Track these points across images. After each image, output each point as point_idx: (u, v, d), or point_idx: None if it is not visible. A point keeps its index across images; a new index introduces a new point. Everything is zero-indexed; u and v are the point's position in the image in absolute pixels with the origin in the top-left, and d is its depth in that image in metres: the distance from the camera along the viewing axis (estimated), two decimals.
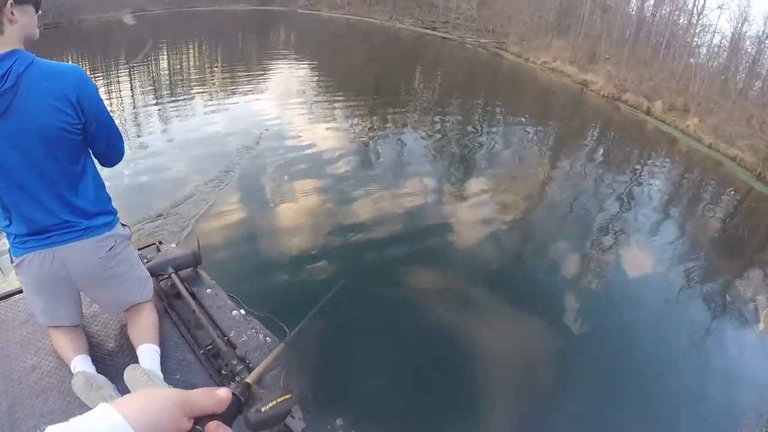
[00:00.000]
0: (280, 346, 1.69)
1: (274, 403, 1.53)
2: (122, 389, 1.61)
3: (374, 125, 9.19)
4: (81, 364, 1.66)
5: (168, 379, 1.73)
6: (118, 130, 1.65)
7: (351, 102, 10.60)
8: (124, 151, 1.71)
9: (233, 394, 0.50)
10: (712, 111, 12.80)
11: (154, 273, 2.10)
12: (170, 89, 10.28)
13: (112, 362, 1.82)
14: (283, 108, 9.11)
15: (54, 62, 1.43)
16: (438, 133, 9.32)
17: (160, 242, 2.52)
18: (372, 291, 4.01)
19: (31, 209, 1.49)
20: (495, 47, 20.51)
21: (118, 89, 9.82)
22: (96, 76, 10.40)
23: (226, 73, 12.64)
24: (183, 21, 21.34)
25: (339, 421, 2.73)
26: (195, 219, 4.60)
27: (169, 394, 0.43)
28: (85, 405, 1.56)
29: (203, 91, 10.36)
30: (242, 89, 10.81)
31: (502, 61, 18.96)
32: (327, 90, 11.55)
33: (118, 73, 11.11)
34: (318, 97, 10.62)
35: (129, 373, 1.60)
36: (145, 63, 11.31)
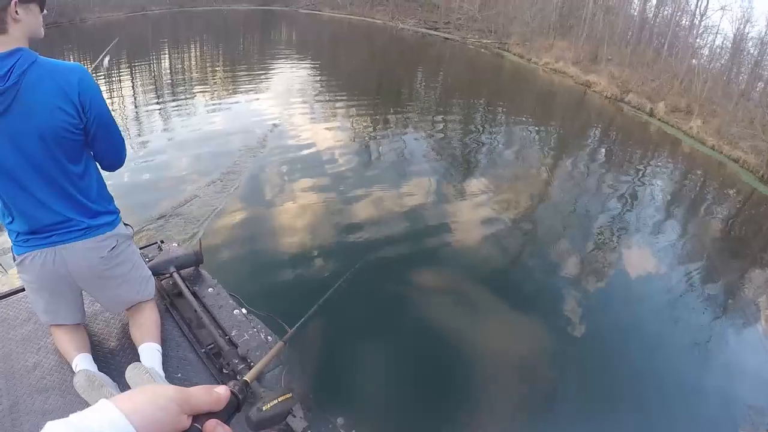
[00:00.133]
0: (279, 344, 1.69)
1: (276, 402, 1.53)
2: (124, 388, 1.61)
3: (376, 125, 9.19)
4: (82, 363, 1.67)
5: (169, 378, 1.73)
6: (121, 135, 1.63)
7: (352, 102, 10.61)
8: (125, 157, 1.70)
9: (232, 392, 0.50)
10: (714, 112, 12.77)
11: (156, 272, 2.10)
12: (172, 89, 10.30)
13: (114, 361, 1.82)
14: (285, 108, 9.12)
15: (57, 61, 1.43)
16: (440, 133, 9.31)
17: (162, 241, 2.53)
18: (374, 291, 4.00)
19: (32, 207, 1.49)
20: (497, 48, 20.50)
21: (120, 88, 9.84)
22: (97, 75, 10.40)
23: (228, 73, 12.66)
24: (185, 20, 21.36)
25: (340, 420, 2.75)
26: (203, 224, 4.57)
27: (169, 392, 0.43)
28: (86, 403, 1.56)
29: (205, 91, 10.37)
30: (244, 89, 10.83)
31: (504, 62, 18.94)
32: (329, 90, 11.55)
33: (119, 73, 11.13)
34: (319, 97, 10.62)
35: (130, 372, 1.60)
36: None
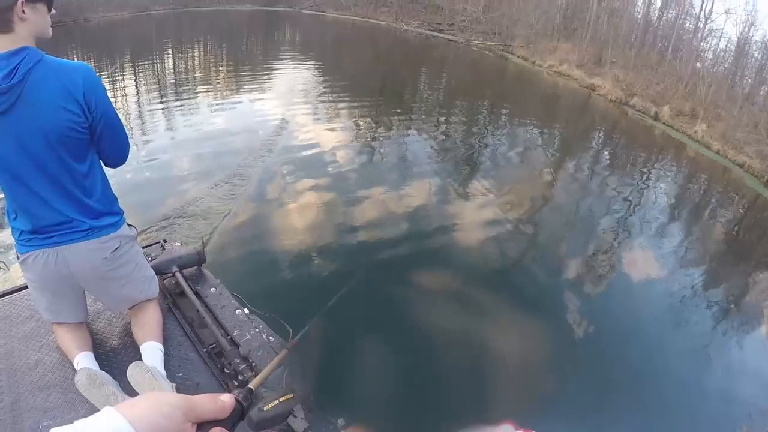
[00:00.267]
0: (283, 352, 1.69)
1: (277, 402, 1.53)
2: (125, 386, 1.61)
3: (380, 127, 9.19)
4: (84, 361, 1.67)
5: (171, 377, 1.73)
6: (125, 132, 1.64)
7: (356, 103, 10.61)
8: (128, 154, 1.71)
9: (236, 400, 0.50)
10: (719, 116, 12.72)
11: (159, 271, 2.11)
12: (176, 89, 10.32)
13: (116, 359, 1.82)
14: (289, 109, 9.12)
15: (63, 60, 1.43)
16: (444, 134, 9.30)
17: (165, 241, 2.53)
18: (376, 292, 4.00)
19: (35, 206, 1.49)
20: (501, 50, 20.47)
21: (123, 88, 9.87)
22: (101, 75, 10.44)
23: (232, 74, 12.68)
24: (188, 21, 21.42)
25: (341, 422, 2.74)
26: (206, 225, 4.56)
27: (173, 399, 0.43)
28: (87, 402, 1.57)
29: (209, 91, 10.39)
30: (248, 90, 10.85)
31: (508, 64, 18.92)
32: (332, 91, 11.55)
33: (123, 72, 11.17)
34: (323, 98, 10.63)
35: (132, 371, 1.60)
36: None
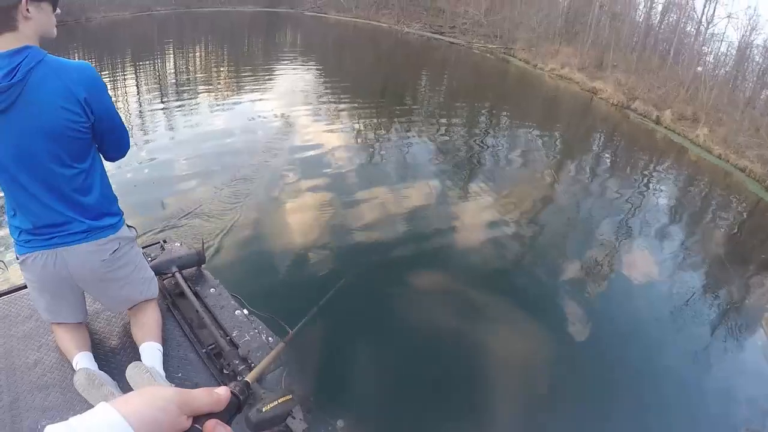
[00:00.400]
0: (280, 345, 1.69)
1: (276, 403, 1.53)
2: (124, 387, 1.60)
3: (380, 128, 9.20)
4: (83, 361, 1.67)
5: (170, 378, 1.73)
6: (125, 129, 1.65)
7: (357, 105, 10.62)
8: (128, 149, 1.72)
9: (232, 393, 0.50)
10: (721, 121, 12.72)
11: (158, 272, 2.11)
12: (176, 90, 10.34)
13: (115, 360, 1.82)
14: (289, 110, 9.13)
15: (65, 60, 1.43)
16: (444, 136, 9.31)
17: (165, 241, 2.53)
18: (375, 293, 4.00)
19: (34, 205, 1.48)
20: (503, 53, 20.49)
21: (124, 87, 9.88)
22: (102, 74, 10.45)
23: (233, 75, 12.71)
24: (190, 21, 21.46)
25: (340, 423, 2.73)
26: (212, 230, 4.56)
27: (168, 393, 0.43)
28: (86, 401, 1.56)
29: (210, 92, 10.41)
30: (249, 91, 10.86)
31: (509, 67, 18.94)
32: (333, 93, 11.57)
33: (124, 73, 11.19)
34: (324, 100, 10.64)
35: (131, 371, 1.60)
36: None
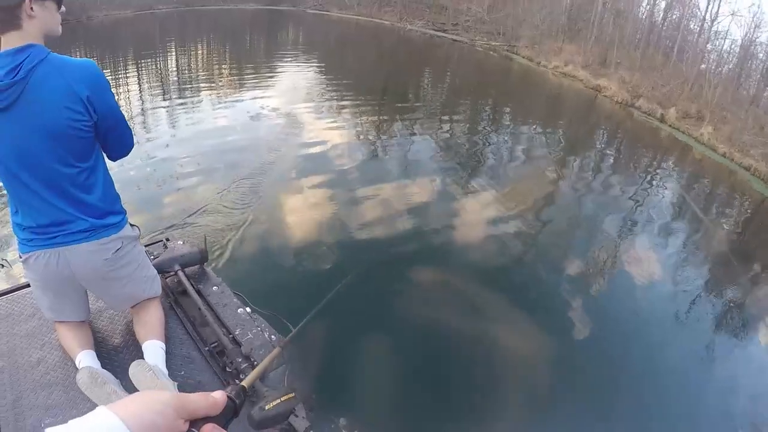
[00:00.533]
0: (275, 350, 1.69)
1: (278, 401, 1.53)
2: (127, 385, 1.60)
3: (383, 126, 9.19)
4: (86, 359, 1.67)
5: (172, 376, 1.72)
6: (129, 127, 1.64)
7: (359, 102, 10.60)
8: (132, 148, 1.71)
9: (228, 397, 0.51)
10: (725, 119, 12.64)
11: (161, 270, 2.10)
12: (178, 88, 10.34)
13: (118, 358, 1.82)
14: (291, 108, 9.12)
15: (68, 58, 1.42)
16: (447, 134, 9.29)
17: (168, 239, 2.53)
18: (378, 291, 3.99)
19: (36, 203, 1.48)
20: (506, 50, 20.41)
21: (126, 85, 9.89)
22: (104, 73, 10.43)
23: (235, 73, 12.70)
24: (192, 19, 21.45)
25: (342, 421, 2.74)
26: (214, 228, 4.54)
27: (165, 397, 0.44)
28: (89, 400, 1.56)
29: (211, 91, 10.40)
30: (251, 89, 10.85)
31: (512, 65, 18.87)
32: (335, 90, 11.56)
33: (126, 71, 11.19)
34: (327, 98, 10.63)
35: (134, 369, 1.60)
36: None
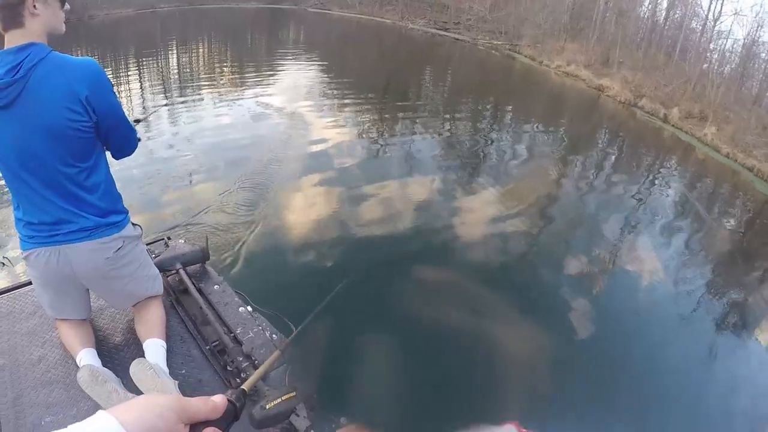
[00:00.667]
0: (276, 353, 1.69)
1: (279, 400, 1.53)
2: (128, 383, 1.60)
3: (384, 125, 9.18)
4: (87, 358, 1.66)
5: (173, 374, 1.72)
6: (131, 126, 1.63)
7: (361, 101, 10.60)
8: (136, 145, 1.71)
9: (229, 401, 0.51)
10: (728, 119, 12.61)
11: (162, 268, 2.10)
12: (180, 87, 10.34)
13: (118, 356, 1.82)
14: (292, 106, 9.12)
15: (69, 57, 1.41)
16: (448, 132, 9.28)
17: (169, 238, 2.53)
18: (380, 290, 3.99)
19: (37, 201, 1.48)
20: (508, 49, 20.36)
21: (128, 84, 9.89)
22: (105, 72, 10.42)
23: (236, 71, 12.69)
24: (194, 18, 21.43)
25: (343, 420, 2.73)
26: (225, 232, 4.53)
27: (166, 401, 0.44)
28: (89, 398, 1.56)
29: (212, 90, 10.40)
30: (252, 87, 10.84)
31: (515, 64, 18.83)
32: (336, 89, 11.55)
33: (128, 70, 11.19)
34: (327, 96, 10.63)
35: (135, 368, 1.59)
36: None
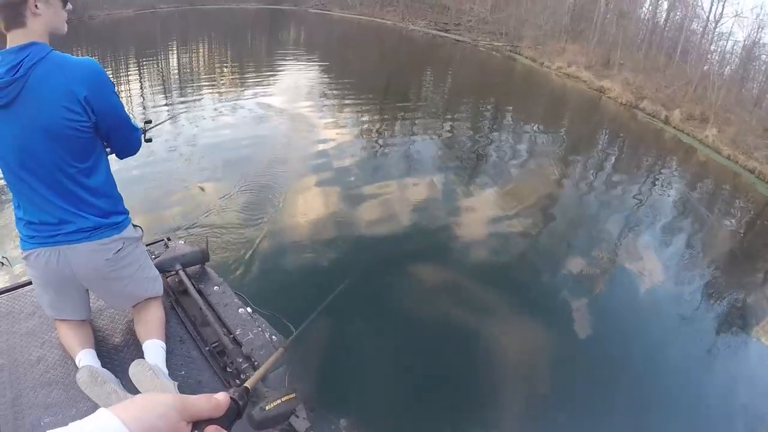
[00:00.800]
0: (279, 351, 1.68)
1: (279, 402, 1.53)
2: (127, 384, 1.60)
3: (384, 126, 9.18)
4: (86, 358, 1.66)
5: (173, 376, 1.72)
6: (133, 125, 1.63)
7: (361, 102, 10.61)
8: (138, 146, 1.70)
9: (231, 399, 0.51)
10: (729, 120, 12.61)
11: (162, 269, 2.10)
12: (180, 87, 10.35)
13: (118, 357, 1.81)
14: (292, 108, 9.12)
15: (69, 56, 1.41)
16: (449, 133, 9.28)
17: (169, 239, 2.52)
18: (379, 291, 3.99)
19: (37, 201, 1.48)
20: (509, 50, 20.37)
21: (128, 84, 9.90)
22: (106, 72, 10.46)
23: (236, 72, 12.70)
24: (194, 18, 21.45)
25: (343, 422, 2.73)
26: (225, 233, 4.52)
27: (168, 399, 0.44)
28: (89, 399, 1.56)
29: (212, 90, 10.40)
30: (252, 88, 10.84)
31: (515, 65, 18.84)
32: (336, 90, 11.56)
33: (128, 71, 11.20)
34: (327, 97, 10.63)
35: (134, 369, 1.59)
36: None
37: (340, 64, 15.46)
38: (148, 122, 2.04)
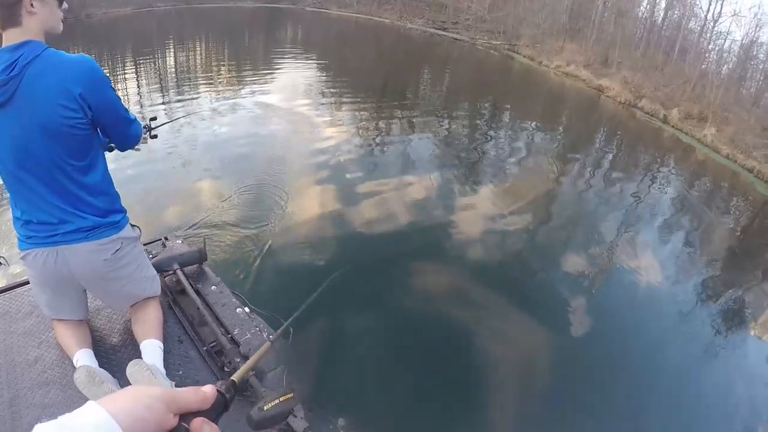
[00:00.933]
0: (266, 345, 1.68)
1: (277, 402, 1.53)
2: (124, 384, 1.59)
3: (382, 125, 9.17)
4: (84, 358, 1.66)
5: (170, 375, 1.71)
6: (131, 118, 1.62)
7: (359, 100, 10.59)
8: (138, 136, 1.70)
9: (218, 392, 0.52)
10: (727, 120, 12.64)
11: (160, 269, 2.09)
12: (177, 86, 10.31)
13: (115, 357, 1.81)
14: (290, 106, 9.10)
15: (64, 54, 1.40)
16: (447, 132, 9.27)
17: (166, 238, 2.52)
18: (377, 290, 3.99)
19: (34, 201, 1.47)
20: (507, 49, 20.35)
21: (125, 82, 9.86)
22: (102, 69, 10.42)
23: (233, 72, 12.65)
24: (191, 17, 21.36)
25: (341, 421, 2.73)
26: (223, 232, 4.49)
27: (155, 392, 0.44)
28: (86, 399, 1.55)
29: (209, 89, 10.35)
30: (249, 87, 10.81)
31: (514, 64, 18.83)
32: (334, 89, 11.54)
33: (125, 69, 11.16)
34: (324, 96, 10.61)
35: (131, 369, 1.58)
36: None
37: (338, 63, 15.42)
38: (154, 119, 2.04)
